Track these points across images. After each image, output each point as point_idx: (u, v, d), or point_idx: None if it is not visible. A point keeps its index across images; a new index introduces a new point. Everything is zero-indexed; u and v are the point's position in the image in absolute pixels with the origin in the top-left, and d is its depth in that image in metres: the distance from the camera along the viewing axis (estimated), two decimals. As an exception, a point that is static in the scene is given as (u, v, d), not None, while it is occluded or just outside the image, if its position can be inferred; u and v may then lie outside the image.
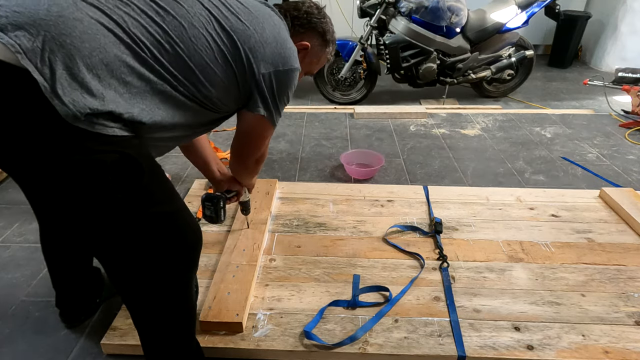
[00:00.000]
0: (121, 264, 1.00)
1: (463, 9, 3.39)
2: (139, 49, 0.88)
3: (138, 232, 0.96)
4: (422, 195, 2.16)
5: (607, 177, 2.50)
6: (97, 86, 0.82)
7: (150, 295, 1.04)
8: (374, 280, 1.60)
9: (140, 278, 1.02)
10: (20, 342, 1.41)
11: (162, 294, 1.05)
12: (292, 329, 1.39)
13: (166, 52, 0.92)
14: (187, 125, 1.04)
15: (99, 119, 0.83)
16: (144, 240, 0.97)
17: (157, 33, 0.91)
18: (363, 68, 3.57)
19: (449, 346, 1.33)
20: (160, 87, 0.92)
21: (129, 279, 1.02)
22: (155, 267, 1.01)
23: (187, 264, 1.08)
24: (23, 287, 1.62)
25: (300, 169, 2.56)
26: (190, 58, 0.95)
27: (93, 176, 0.85)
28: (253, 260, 1.62)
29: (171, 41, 0.92)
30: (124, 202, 0.91)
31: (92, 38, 0.82)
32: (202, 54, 0.96)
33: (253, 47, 1.03)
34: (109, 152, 0.85)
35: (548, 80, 4.49)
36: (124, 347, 1.34)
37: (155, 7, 0.92)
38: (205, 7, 0.99)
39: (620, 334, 1.39)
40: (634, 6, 4.44)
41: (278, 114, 1.16)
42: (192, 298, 1.15)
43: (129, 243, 0.96)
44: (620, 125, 3.23)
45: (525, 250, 1.76)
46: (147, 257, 0.99)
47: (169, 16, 0.93)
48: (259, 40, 1.04)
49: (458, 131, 3.13)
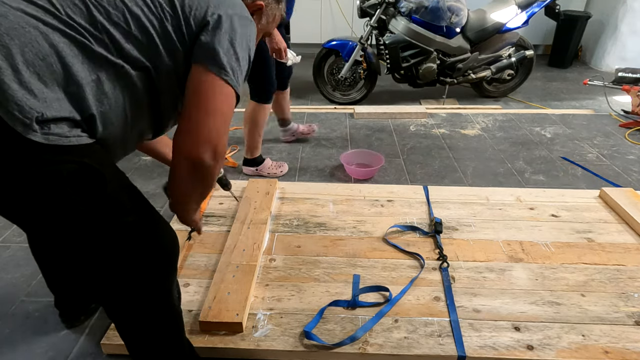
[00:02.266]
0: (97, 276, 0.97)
1: (463, 9, 3.39)
2: (75, 32, 0.81)
3: (110, 243, 0.92)
4: (422, 195, 2.16)
5: (607, 177, 2.50)
6: (38, 85, 0.76)
7: (131, 305, 1.01)
8: (374, 280, 1.60)
9: (119, 289, 0.98)
10: (20, 342, 1.41)
11: (143, 304, 1.02)
12: (292, 329, 1.39)
13: (100, 14, 0.84)
14: (142, 104, 0.94)
15: (52, 128, 0.78)
16: (118, 250, 0.93)
17: (89, 6, 0.83)
18: (363, 68, 3.57)
19: (449, 346, 1.33)
20: (100, 45, 0.84)
21: (107, 291, 1.00)
22: (133, 277, 0.97)
23: (165, 270, 1.04)
24: (23, 287, 1.63)
25: (300, 169, 2.56)
26: (127, 21, 0.86)
27: (51, 189, 0.81)
28: (253, 260, 1.62)
29: (104, 9, 0.84)
30: (90, 214, 0.86)
31: (21, 33, 0.75)
32: (136, 13, 0.87)
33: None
34: (66, 162, 0.80)
35: (548, 80, 4.49)
36: (124, 347, 1.33)
37: None
38: None
39: (620, 334, 1.39)
40: (634, 6, 4.44)
41: (231, 69, 0.93)
42: (175, 304, 1.12)
43: (102, 254, 0.92)
44: (620, 125, 3.23)
45: (525, 250, 1.76)
46: (123, 267, 0.95)
47: None
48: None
49: (458, 131, 3.13)
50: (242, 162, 2.52)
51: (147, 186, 2.33)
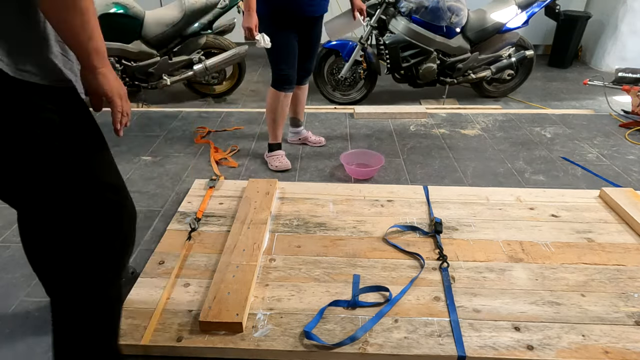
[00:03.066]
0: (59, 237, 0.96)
1: (463, 9, 3.39)
2: None
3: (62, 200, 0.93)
4: (422, 195, 2.16)
5: (607, 177, 2.50)
6: None
7: (79, 279, 1.00)
8: (374, 280, 1.60)
9: (75, 256, 0.97)
10: (20, 342, 1.41)
11: (92, 279, 1.00)
12: (292, 329, 1.39)
13: None
14: None
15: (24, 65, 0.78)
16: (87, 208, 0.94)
17: None
18: (363, 68, 3.57)
19: (449, 346, 1.33)
20: None
21: (62, 257, 0.98)
22: (91, 242, 0.97)
23: (123, 242, 1.04)
24: (23, 287, 1.62)
25: (301, 169, 2.56)
26: None
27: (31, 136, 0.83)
28: (253, 260, 1.62)
29: None
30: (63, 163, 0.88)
31: None
32: None
33: None
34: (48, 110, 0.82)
35: (548, 80, 4.49)
36: (124, 347, 1.34)
37: None
38: None
39: (620, 334, 1.39)
40: (634, 6, 4.44)
41: None
42: (120, 290, 1.11)
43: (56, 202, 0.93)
44: (620, 125, 3.23)
45: (525, 250, 1.76)
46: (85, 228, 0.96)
47: None
48: None
49: (458, 131, 3.13)
50: None
51: (147, 186, 2.33)
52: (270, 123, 2.54)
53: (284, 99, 2.45)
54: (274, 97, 2.44)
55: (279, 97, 2.44)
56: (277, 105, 2.46)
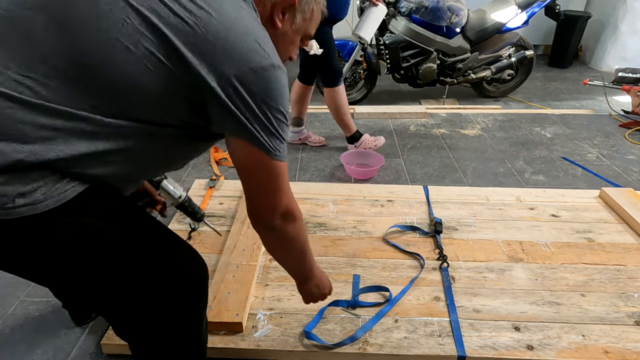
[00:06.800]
0: (126, 320, 0.93)
1: (463, 9, 3.39)
2: (27, 95, 0.67)
3: (138, 287, 0.87)
4: (422, 195, 2.15)
5: (607, 177, 2.50)
6: None
7: (164, 342, 0.97)
8: (374, 280, 1.60)
9: (151, 327, 0.94)
10: (20, 341, 1.41)
11: (175, 340, 0.97)
12: (292, 329, 1.39)
13: (70, 79, 0.69)
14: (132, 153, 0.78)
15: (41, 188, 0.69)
16: (148, 292, 0.88)
17: (51, 57, 0.68)
18: (363, 68, 3.57)
19: (449, 346, 1.33)
20: (76, 129, 0.70)
21: (137, 328, 0.95)
22: (167, 314, 0.92)
23: (198, 299, 0.99)
24: (23, 287, 1.62)
25: (300, 169, 2.56)
26: (109, 77, 0.70)
27: (56, 257, 0.76)
28: (253, 260, 1.62)
29: (75, 61, 0.69)
30: (111, 267, 0.81)
31: None
32: (124, 66, 0.69)
33: (195, 45, 0.70)
34: (62, 226, 0.73)
35: (548, 80, 4.48)
36: (124, 347, 1.33)
37: (42, 21, 0.68)
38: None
39: (620, 334, 1.39)
40: (634, 6, 4.44)
41: (275, 139, 0.80)
42: (205, 336, 1.08)
43: (132, 298, 0.88)
44: (620, 125, 3.23)
45: (525, 250, 1.76)
46: (155, 306, 0.90)
47: (65, 27, 0.68)
48: (206, 34, 0.71)
49: (458, 131, 3.13)
50: None
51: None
52: (343, 118, 2.61)
53: (343, 91, 2.53)
54: (335, 94, 2.50)
55: (339, 92, 2.50)
56: (341, 101, 2.54)
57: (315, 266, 1.13)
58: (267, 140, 0.78)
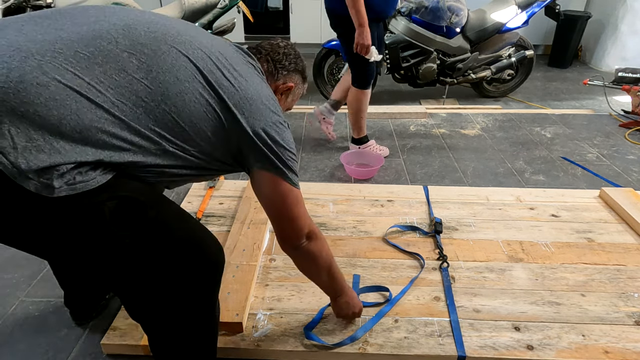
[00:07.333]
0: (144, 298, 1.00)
1: (463, 9, 3.39)
2: (119, 112, 0.82)
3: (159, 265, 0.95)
4: (422, 195, 2.16)
5: (607, 177, 2.50)
6: (68, 149, 0.77)
7: (176, 322, 1.03)
8: (374, 280, 1.60)
9: (166, 307, 1.01)
10: (20, 341, 1.41)
11: (188, 319, 1.04)
12: (292, 329, 1.39)
13: (151, 111, 0.86)
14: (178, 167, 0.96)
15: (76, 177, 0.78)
16: (167, 270, 0.96)
17: (140, 92, 0.85)
18: (363, 68, 3.56)
19: (449, 346, 1.33)
20: (145, 147, 0.87)
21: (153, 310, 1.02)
22: (182, 293, 1.00)
23: (212, 283, 1.07)
24: (23, 287, 1.62)
25: (300, 169, 2.56)
26: (179, 115, 0.89)
27: (96, 229, 0.84)
28: (253, 260, 1.62)
29: (157, 99, 0.86)
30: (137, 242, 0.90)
31: (60, 105, 0.75)
32: (190, 109, 0.90)
33: (238, 103, 0.95)
34: (105, 200, 0.83)
35: (548, 80, 4.48)
36: (124, 347, 1.34)
37: (136, 63, 0.85)
38: (190, 59, 0.91)
39: (620, 334, 1.39)
40: (634, 6, 4.44)
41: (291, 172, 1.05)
42: (217, 318, 1.15)
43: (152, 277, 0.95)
44: (620, 125, 3.23)
45: (525, 250, 1.76)
46: (172, 285, 0.98)
47: (153, 72, 0.86)
48: (244, 96, 0.97)
49: (458, 131, 3.13)
50: None
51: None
52: (359, 120, 2.60)
53: (369, 95, 2.52)
54: (362, 96, 2.49)
55: (366, 96, 2.50)
56: (364, 105, 2.53)
57: (347, 285, 1.34)
58: (286, 171, 1.03)
